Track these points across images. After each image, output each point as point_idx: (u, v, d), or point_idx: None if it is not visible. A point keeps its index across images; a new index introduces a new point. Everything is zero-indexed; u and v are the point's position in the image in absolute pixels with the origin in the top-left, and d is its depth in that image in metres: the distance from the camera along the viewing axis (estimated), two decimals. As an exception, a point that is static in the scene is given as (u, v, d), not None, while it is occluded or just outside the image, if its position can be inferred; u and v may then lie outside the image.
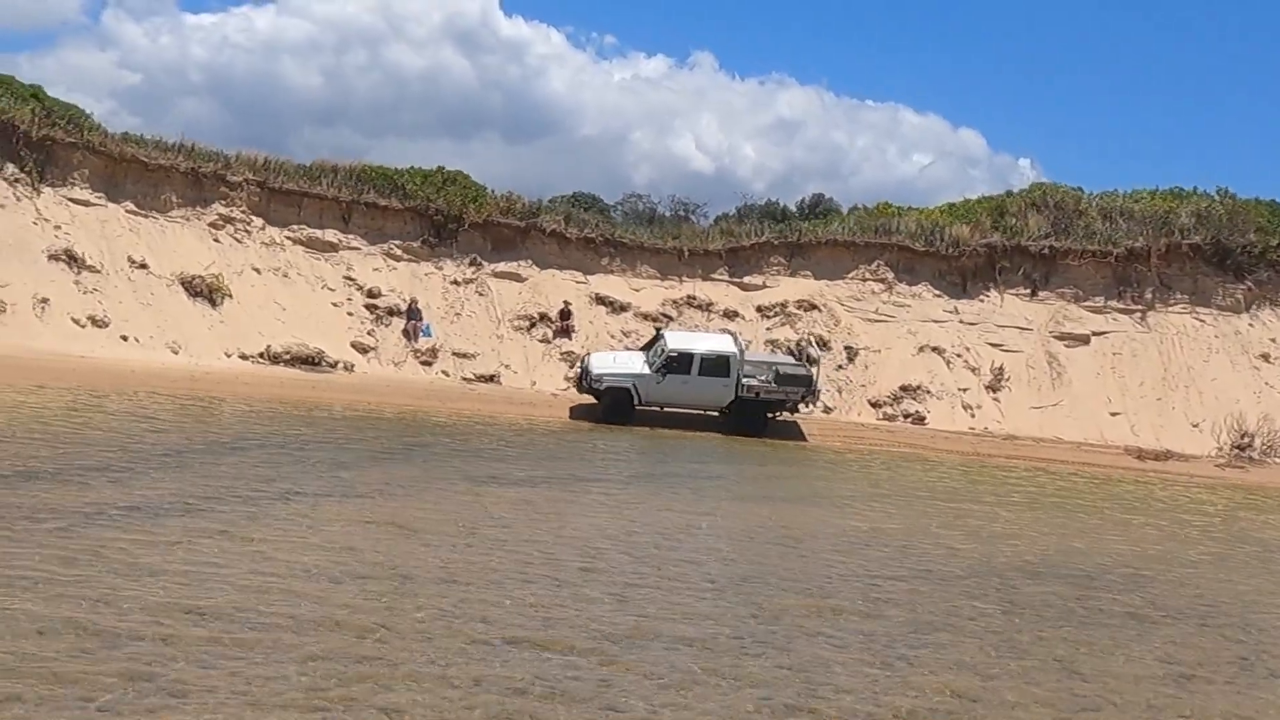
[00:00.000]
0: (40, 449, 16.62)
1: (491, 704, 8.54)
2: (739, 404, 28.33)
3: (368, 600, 10.76)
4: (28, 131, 29.28)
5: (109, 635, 9.05)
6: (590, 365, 28.69)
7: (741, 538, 16.48)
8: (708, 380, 28.11)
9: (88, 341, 27.17)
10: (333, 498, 15.55)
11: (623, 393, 28.00)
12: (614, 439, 25.87)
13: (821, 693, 9.47)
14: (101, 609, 9.61)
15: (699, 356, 28.15)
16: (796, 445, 28.09)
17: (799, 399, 28.72)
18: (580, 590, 11.95)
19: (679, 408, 28.58)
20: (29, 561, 10.70)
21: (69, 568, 10.65)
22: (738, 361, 28.28)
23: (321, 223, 32.77)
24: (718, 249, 35.35)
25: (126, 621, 9.36)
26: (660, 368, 28.10)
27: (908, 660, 10.57)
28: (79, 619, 9.30)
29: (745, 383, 28.21)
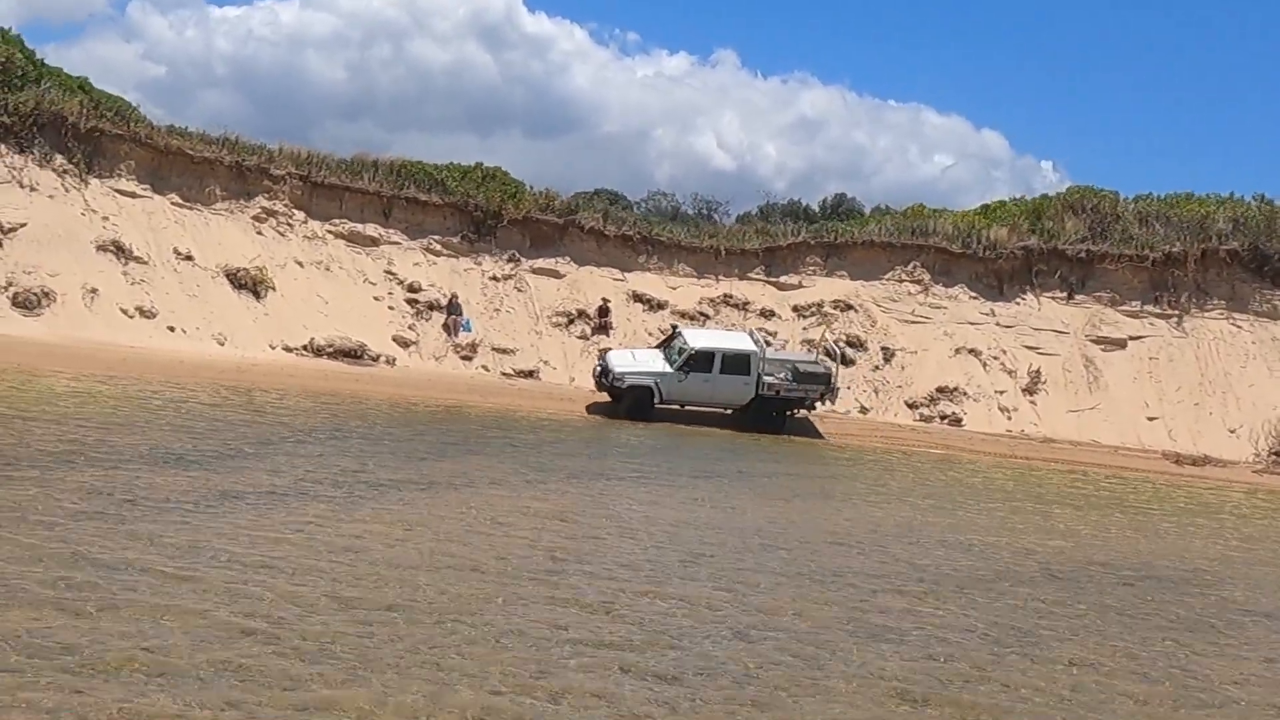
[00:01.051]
0: (157, 436, 16.77)
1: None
2: (759, 401, 28.46)
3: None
4: (76, 123, 29.44)
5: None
6: (610, 363, 28.76)
7: (829, 535, 16.43)
8: (729, 378, 28.26)
9: (136, 332, 27.31)
10: (473, 488, 15.87)
11: (645, 391, 28.10)
12: (654, 436, 25.96)
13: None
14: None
15: (721, 354, 28.31)
16: (834, 444, 28.19)
17: (817, 397, 28.84)
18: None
19: (700, 406, 28.68)
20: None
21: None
22: (758, 359, 28.43)
23: (363, 217, 32.90)
24: (754, 248, 35.47)
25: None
26: (682, 366, 28.21)
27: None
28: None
29: (765, 381, 28.35)
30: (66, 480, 13.12)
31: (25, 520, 11.15)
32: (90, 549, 10.39)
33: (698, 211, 54.71)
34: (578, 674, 8.81)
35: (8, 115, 28.91)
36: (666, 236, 35.47)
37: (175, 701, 7.50)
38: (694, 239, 35.70)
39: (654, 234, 35.37)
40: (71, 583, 9.40)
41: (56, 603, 8.92)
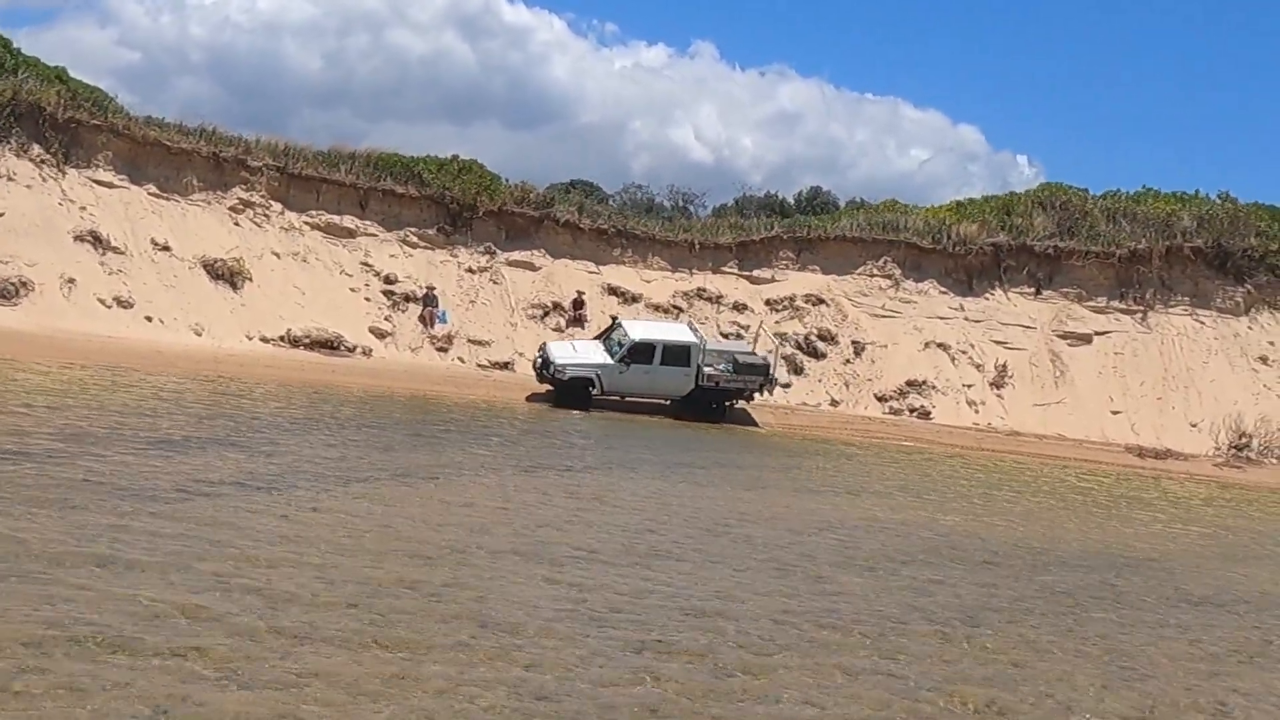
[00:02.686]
0: (145, 422, 17.03)
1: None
2: (699, 392, 28.80)
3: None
4: (53, 113, 29.57)
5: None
6: (551, 354, 28.92)
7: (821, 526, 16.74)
8: (669, 370, 28.56)
9: (113, 322, 27.51)
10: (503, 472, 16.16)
11: (584, 382, 28.34)
12: (616, 426, 26.29)
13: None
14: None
15: (662, 346, 28.60)
16: (803, 436, 28.62)
17: (756, 388, 29.21)
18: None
19: (640, 397, 28.96)
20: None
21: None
22: (698, 351, 28.77)
23: (339, 209, 33.13)
24: (728, 242, 35.86)
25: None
26: (624, 357, 28.51)
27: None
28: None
29: (705, 372, 28.71)
30: (37, 469, 13.38)
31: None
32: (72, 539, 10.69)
33: (674, 204, 55.01)
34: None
35: (-15, 105, 29.04)
36: (641, 230, 35.81)
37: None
38: (669, 233, 36.05)
39: (629, 227, 35.72)
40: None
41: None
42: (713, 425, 28.27)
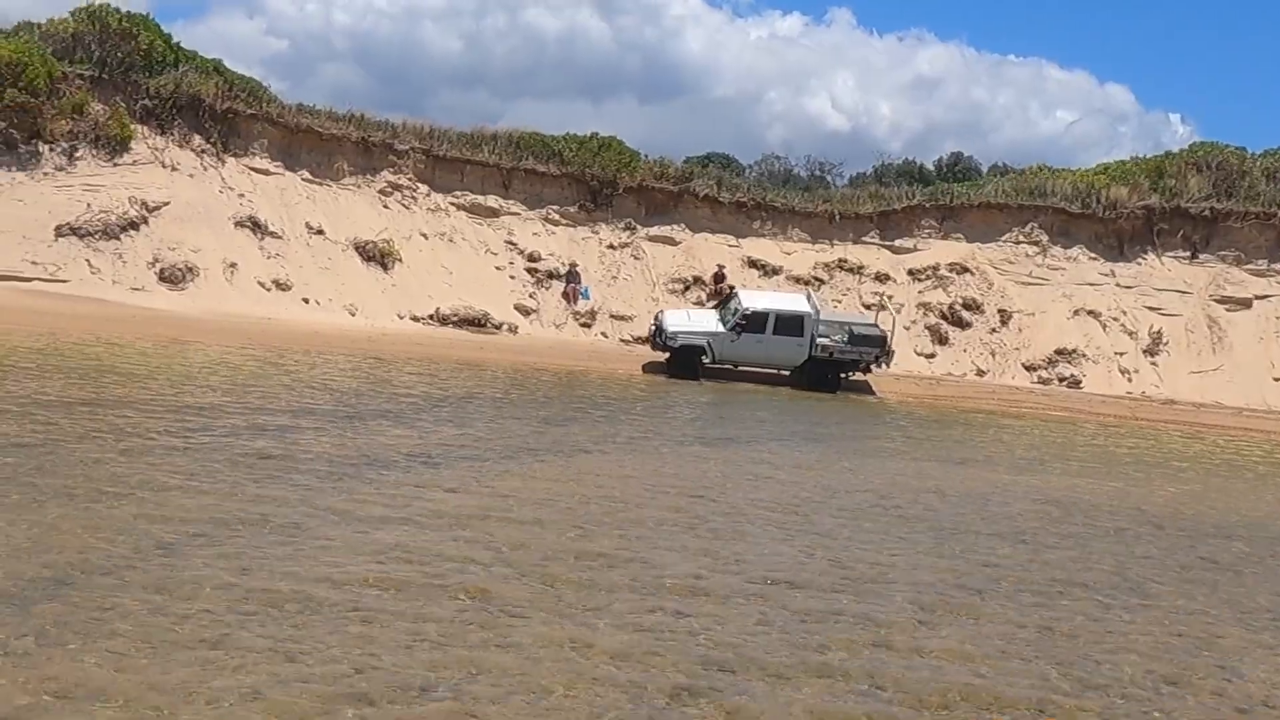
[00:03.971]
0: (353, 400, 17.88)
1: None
2: (812, 364, 28.48)
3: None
4: (212, 105, 30.89)
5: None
6: (664, 323, 28.99)
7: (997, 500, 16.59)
8: (782, 339, 28.28)
9: (273, 304, 28.63)
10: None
11: (696, 350, 28.32)
12: (764, 399, 26.32)
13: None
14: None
15: (774, 315, 28.33)
16: (948, 406, 28.27)
17: (872, 359, 28.77)
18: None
19: (752, 366, 28.76)
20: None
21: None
22: (812, 321, 28.44)
23: (483, 189, 33.86)
24: (868, 212, 35.55)
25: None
26: (735, 326, 28.40)
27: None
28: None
29: (819, 342, 28.41)
30: (225, 441, 14.09)
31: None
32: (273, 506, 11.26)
33: (810, 174, 54.64)
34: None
35: (149, 99, 30.46)
36: (780, 202, 35.74)
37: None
38: (808, 204, 35.89)
39: (768, 200, 35.68)
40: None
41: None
42: (850, 398, 28.04)
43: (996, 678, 8.61)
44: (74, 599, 8.03)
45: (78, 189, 28.57)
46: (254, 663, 7.30)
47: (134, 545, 9.41)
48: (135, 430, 14.19)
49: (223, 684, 6.92)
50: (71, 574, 8.51)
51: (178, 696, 6.67)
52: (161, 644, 7.43)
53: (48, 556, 8.86)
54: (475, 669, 7.63)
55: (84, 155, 29.28)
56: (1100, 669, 9.11)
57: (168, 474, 12.09)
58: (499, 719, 7.01)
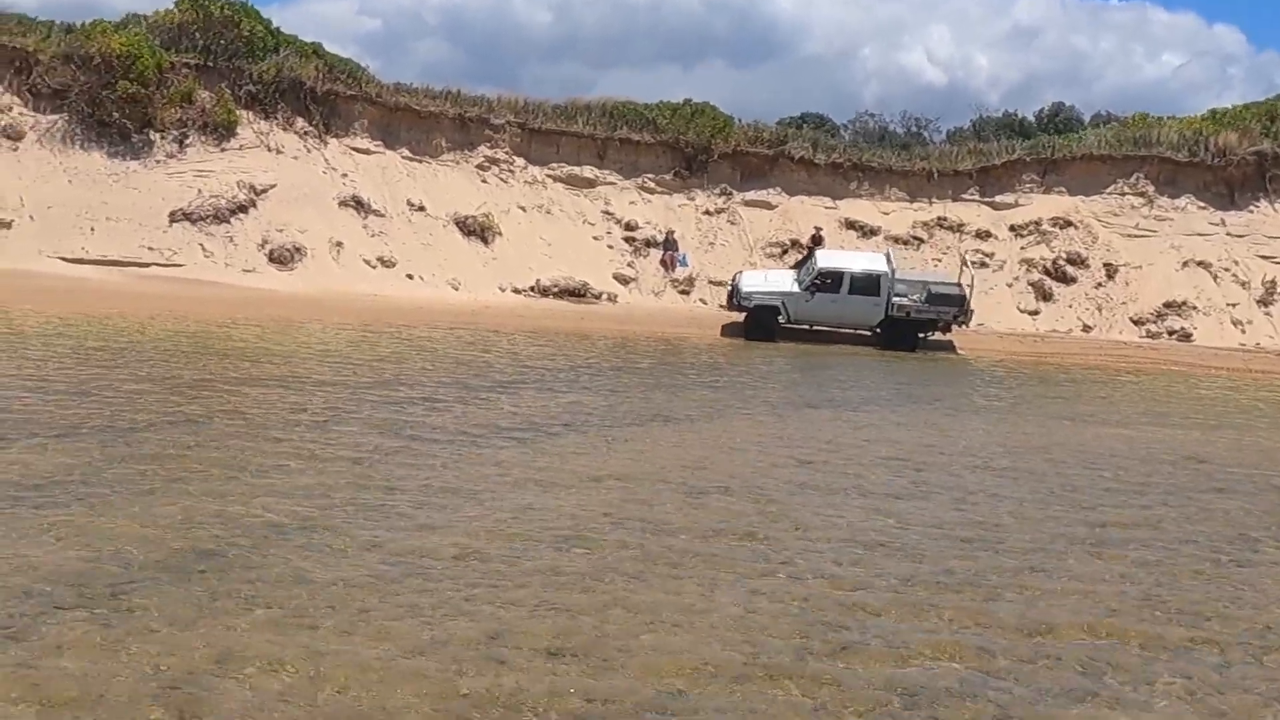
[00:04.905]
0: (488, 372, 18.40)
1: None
2: (889, 323, 28.13)
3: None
4: (313, 87, 31.56)
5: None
6: (740, 283, 28.90)
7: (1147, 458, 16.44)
8: (858, 299, 27.99)
9: (378, 281, 29.24)
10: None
11: (770, 310, 28.16)
12: (850, 360, 26.25)
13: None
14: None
15: (849, 275, 28.04)
16: (1054, 364, 27.82)
17: (951, 318, 28.31)
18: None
19: (828, 327, 28.51)
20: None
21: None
22: (889, 280, 28.06)
23: (579, 160, 34.11)
24: (968, 169, 35.08)
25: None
26: (810, 286, 28.17)
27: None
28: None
29: (896, 302, 28.03)
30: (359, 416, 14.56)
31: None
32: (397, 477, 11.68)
33: (906, 130, 53.95)
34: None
35: (253, 84, 31.23)
36: (877, 162, 35.41)
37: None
38: (905, 163, 35.52)
39: (864, 160, 35.39)
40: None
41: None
42: (937, 357, 27.67)
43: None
44: (225, 570, 8.45)
45: (189, 175, 29.46)
46: (397, 628, 7.63)
47: (288, 515, 9.86)
48: (282, 407, 14.83)
49: (370, 650, 7.26)
50: (223, 546, 8.95)
51: (331, 661, 7.02)
52: (312, 611, 7.80)
53: (201, 530, 9.33)
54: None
55: (193, 142, 30.15)
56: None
57: (322, 446, 12.64)
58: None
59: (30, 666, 6.64)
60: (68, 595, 7.70)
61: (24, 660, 6.71)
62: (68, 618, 7.34)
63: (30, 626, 7.16)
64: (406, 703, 6.58)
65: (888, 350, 27.59)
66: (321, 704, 6.51)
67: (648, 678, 7.14)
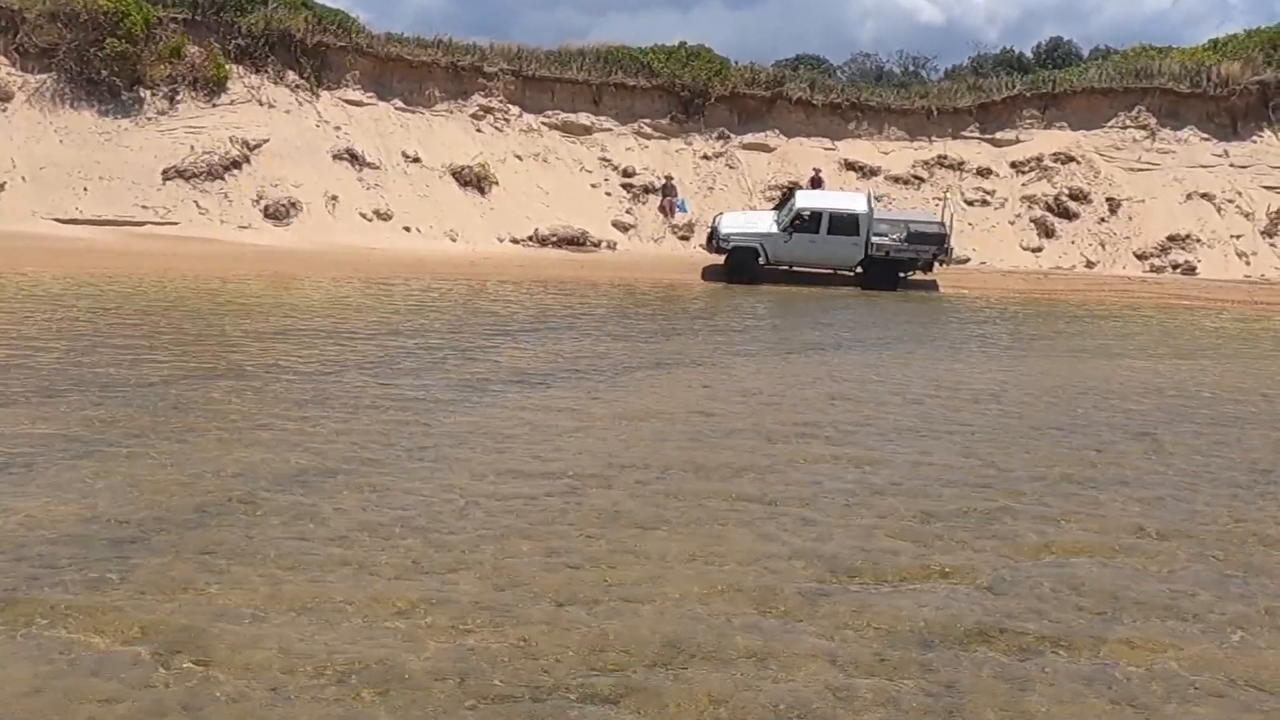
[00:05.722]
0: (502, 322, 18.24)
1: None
2: (869, 263, 27.87)
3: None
4: (303, 39, 31.16)
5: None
6: (719, 225, 28.74)
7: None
8: (836, 239, 27.72)
9: (375, 234, 29.01)
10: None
11: (749, 252, 27.98)
12: (837, 301, 26.02)
13: None
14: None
15: (828, 214, 27.76)
16: (1056, 299, 27.65)
17: (931, 257, 28.00)
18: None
19: (807, 267, 28.28)
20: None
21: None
22: (867, 220, 27.79)
23: (574, 106, 33.75)
24: (967, 105, 34.74)
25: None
26: (788, 227, 27.93)
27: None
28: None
29: (875, 241, 27.75)
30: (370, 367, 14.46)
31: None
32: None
33: (904, 70, 53.52)
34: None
35: (241, 38, 30.84)
36: (875, 101, 35.05)
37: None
38: (904, 101, 35.16)
39: (863, 100, 35.01)
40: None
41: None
42: (920, 296, 27.36)
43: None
44: (228, 524, 8.38)
45: (180, 132, 29.14)
46: (396, 583, 7.56)
47: (300, 466, 9.77)
48: (287, 362, 14.72)
49: (371, 602, 7.19)
50: (230, 499, 8.89)
51: (331, 615, 6.95)
52: (308, 565, 7.72)
53: (206, 483, 9.25)
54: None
55: (184, 98, 29.80)
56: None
57: (339, 397, 12.52)
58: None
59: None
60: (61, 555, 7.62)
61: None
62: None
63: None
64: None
65: (869, 290, 27.38)
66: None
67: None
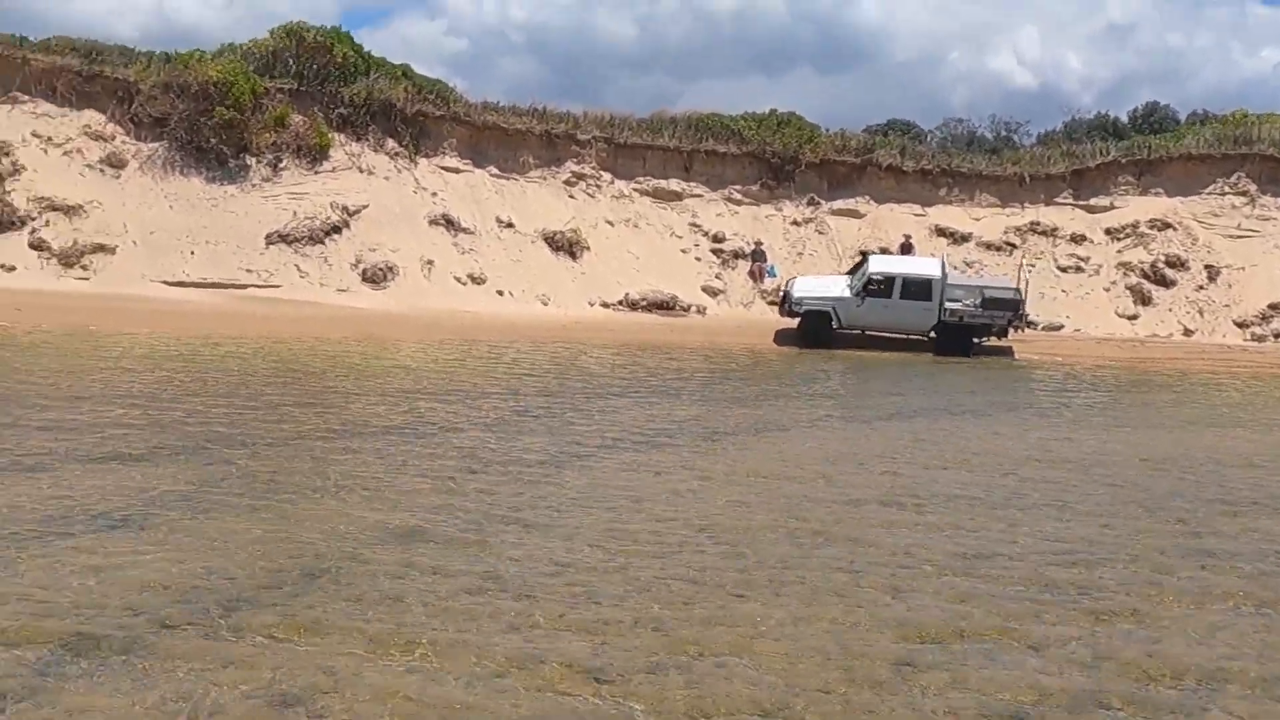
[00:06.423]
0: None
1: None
2: (942, 328, 27.67)
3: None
4: (403, 109, 32.13)
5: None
6: (792, 289, 28.70)
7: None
8: (909, 304, 27.65)
9: (469, 298, 29.61)
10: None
11: (822, 316, 27.90)
12: (911, 367, 25.79)
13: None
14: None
15: (901, 279, 27.69)
16: (1151, 369, 27.18)
17: (1006, 323, 27.69)
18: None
19: (880, 332, 28.14)
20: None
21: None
22: (941, 284, 27.61)
23: (665, 173, 34.26)
24: (1060, 171, 34.61)
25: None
26: (861, 291, 27.81)
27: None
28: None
29: (949, 307, 27.52)
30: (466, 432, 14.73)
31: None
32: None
33: (996, 135, 53.25)
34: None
35: (343, 107, 31.91)
36: (967, 167, 35.05)
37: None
38: (995, 167, 35.11)
39: (954, 165, 35.06)
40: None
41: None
42: (1001, 363, 27.17)
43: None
44: (342, 580, 8.56)
45: (284, 198, 30.12)
46: (496, 645, 7.66)
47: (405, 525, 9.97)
48: (393, 422, 15.04)
49: (474, 658, 7.29)
50: (343, 557, 9.08)
51: (435, 672, 7.07)
52: (414, 623, 7.86)
53: (319, 542, 9.47)
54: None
55: (287, 165, 30.83)
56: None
57: (440, 457, 12.76)
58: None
59: (141, 680, 6.77)
60: (176, 612, 7.86)
61: (135, 675, 6.85)
62: (178, 633, 7.48)
63: (144, 638, 7.30)
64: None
65: (941, 356, 27.20)
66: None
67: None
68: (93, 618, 7.57)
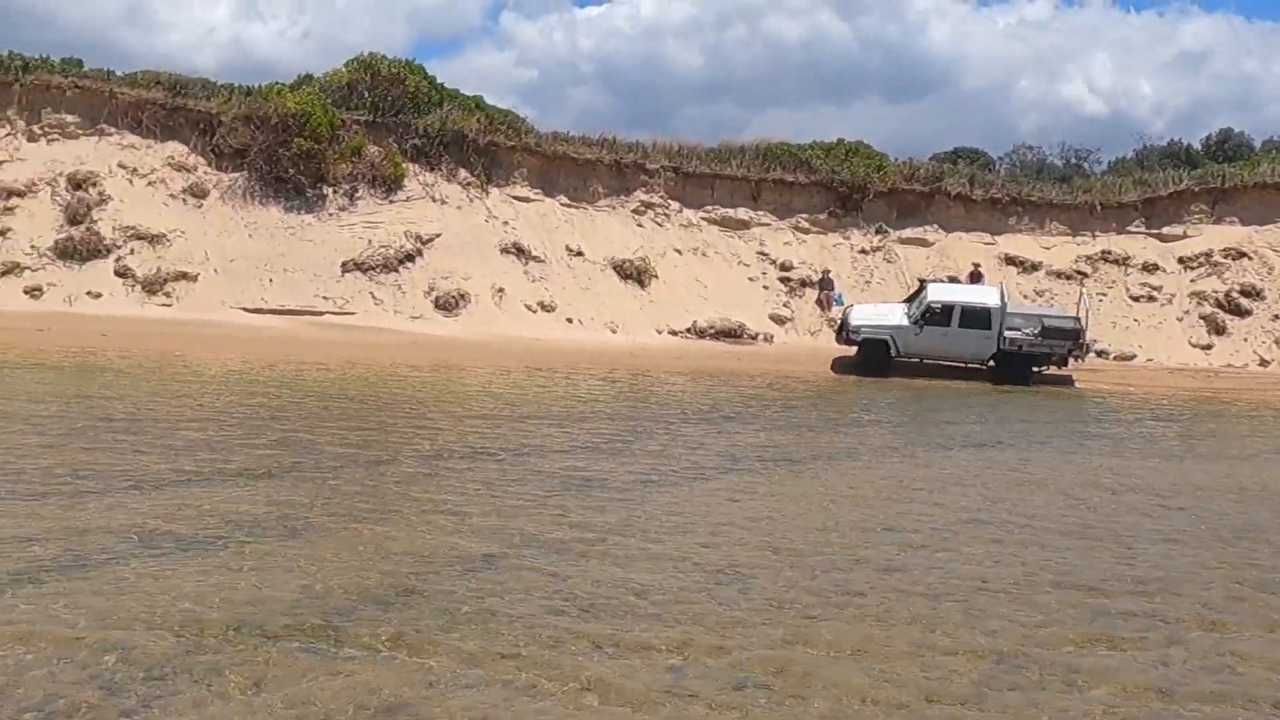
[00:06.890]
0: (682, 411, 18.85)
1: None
2: (1001, 357, 27.41)
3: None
4: (475, 139, 32.68)
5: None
6: (850, 317, 28.67)
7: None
8: (968, 332, 27.42)
9: (539, 325, 29.99)
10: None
11: (880, 344, 27.78)
12: (973, 396, 25.63)
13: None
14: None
15: (959, 307, 27.49)
16: (1225, 399, 26.81)
17: (1066, 353, 27.35)
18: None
19: (938, 360, 27.93)
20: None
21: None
22: (999, 313, 27.35)
23: (733, 201, 34.48)
24: (1132, 200, 34.35)
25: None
26: (919, 319, 27.67)
27: None
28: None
29: (1008, 335, 27.27)
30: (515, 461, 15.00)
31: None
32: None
33: (1066, 162, 52.92)
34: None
35: (418, 138, 32.52)
36: (1037, 196, 34.90)
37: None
38: (1066, 196, 34.92)
39: (1023, 194, 34.91)
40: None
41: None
42: (1061, 393, 26.78)
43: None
44: (434, 597, 8.81)
45: (359, 226, 30.75)
46: (580, 661, 7.86)
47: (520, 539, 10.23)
48: (476, 445, 15.39)
49: (560, 680, 7.49)
50: (425, 576, 9.35)
51: (525, 688, 7.28)
52: (503, 640, 8.08)
53: (408, 562, 9.76)
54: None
55: (363, 195, 31.48)
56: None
57: (524, 479, 13.03)
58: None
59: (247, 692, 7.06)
60: (278, 626, 8.16)
61: (242, 686, 7.14)
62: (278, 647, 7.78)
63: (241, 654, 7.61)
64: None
65: (1000, 385, 26.96)
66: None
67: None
68: (202, 630, 7.91)
